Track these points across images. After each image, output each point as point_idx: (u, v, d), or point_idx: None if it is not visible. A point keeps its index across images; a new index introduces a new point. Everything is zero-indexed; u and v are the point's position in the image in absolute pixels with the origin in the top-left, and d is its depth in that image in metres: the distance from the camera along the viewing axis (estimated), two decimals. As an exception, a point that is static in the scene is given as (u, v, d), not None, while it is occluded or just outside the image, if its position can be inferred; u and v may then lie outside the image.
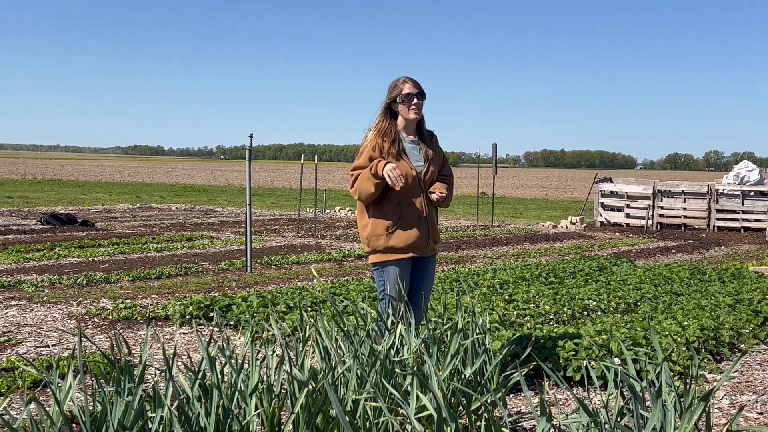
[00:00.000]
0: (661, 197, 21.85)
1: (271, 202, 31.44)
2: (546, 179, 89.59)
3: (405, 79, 5.02)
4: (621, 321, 6.98)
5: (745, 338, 6.90)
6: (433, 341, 4.10)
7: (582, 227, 21.67)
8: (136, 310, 7.91)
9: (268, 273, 11.15)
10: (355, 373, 3.71)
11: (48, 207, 24.50)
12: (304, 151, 45.43)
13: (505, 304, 7.89)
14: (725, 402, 5.26)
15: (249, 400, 3.56)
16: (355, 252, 13.57)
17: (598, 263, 11.65)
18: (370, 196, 4.90)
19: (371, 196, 4.90)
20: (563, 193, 50.53)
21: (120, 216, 21.80)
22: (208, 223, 19.87)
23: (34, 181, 48.78)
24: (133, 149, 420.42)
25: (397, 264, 4.98)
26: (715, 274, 10.61)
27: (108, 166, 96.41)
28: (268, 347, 3.99)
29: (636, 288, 9.17)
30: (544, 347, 5.79)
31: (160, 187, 45.67)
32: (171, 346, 6.46)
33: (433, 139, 5.22)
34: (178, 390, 3.43)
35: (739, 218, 20.90)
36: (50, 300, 8.57)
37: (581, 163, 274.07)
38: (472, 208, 26.58)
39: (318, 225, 19.23)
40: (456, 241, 16.56)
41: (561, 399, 5.25)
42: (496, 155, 22.61)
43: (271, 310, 5.48)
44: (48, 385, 3.43)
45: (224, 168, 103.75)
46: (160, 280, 10.29)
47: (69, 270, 10.91)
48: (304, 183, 20.12)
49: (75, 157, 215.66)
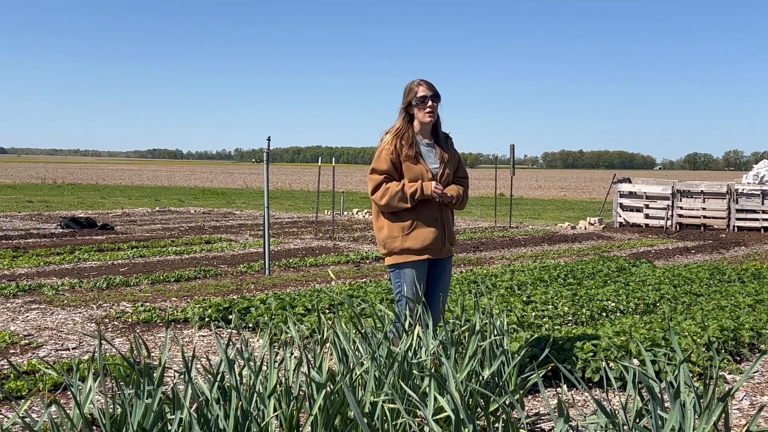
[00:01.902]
0: (681, 197, 21.73)
1: (289, 205, 31.53)
2: (564, 180, 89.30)
3: (419, 82, 5.04)
4: (640, 322, 6.95)
5: (765, 338, 6.85)
6: (450, 343, 4.11)
7: (601, 228, 21.58)
8: (156, 313, 7.95)
9: (286, 275, 11.18)
10: (372, 374, 3.73)
11: (68, 211, 24.68)
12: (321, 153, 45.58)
13: (523, 305, 7.88)
14: (745, 403, 5.23)
15: (267, 402, 3.58)
16: (373, 254, 13.58)
17: (616, 264, 11.60)
18: (394, 207, 5.00)
19: (396, 207, 5.00)
20: (582, 194, 50.34)
21: (139, 219, 21.92)
22: (226, 226, 19.95)
23: (54, 185, 49.17)
24: (151, 153, 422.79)
25: (414, 266, 4.99)
26: (734, 274, 10.54)
27: (127, 170, 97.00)
28: (287, 349, 4.01)
29: (655, 289, 9.13)
30: (562, 348, 5.78)
31: (179, 191, 45.89)
32: (190, 348, 6.50)
33: (449, 141, 5.25)
34: (197, 392, 3.45)
35: (760, 218, 20.74)
36: (70, 303, 8.63)
37: (600, 163, 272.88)
38: (490, 210, 26.55)
39: (336, 227, 19.26)
40: (474, 243, 16.54)
41: (579, 400, 5.23)
42: (513, 156, 22.56)
43: (289, 313, 5.50)
44: (68, 387, 3.46)
45: (242, 171, 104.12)
46: (179, 283, 10.34)
47: (89, 273, 10.98)
48: (322, 185, 20.17)
49: (94, 161, 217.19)
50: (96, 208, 26.81)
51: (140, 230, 18.40)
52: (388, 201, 4.96)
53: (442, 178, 5.09)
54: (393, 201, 4.96)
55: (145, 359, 3.55)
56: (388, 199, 4.96)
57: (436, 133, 5.16)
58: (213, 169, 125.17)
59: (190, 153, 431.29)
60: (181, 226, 19.64)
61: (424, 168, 5.01)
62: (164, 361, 3.55)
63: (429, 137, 5.14)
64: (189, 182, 61.67)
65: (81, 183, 53.98)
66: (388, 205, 4.97)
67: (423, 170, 5.00)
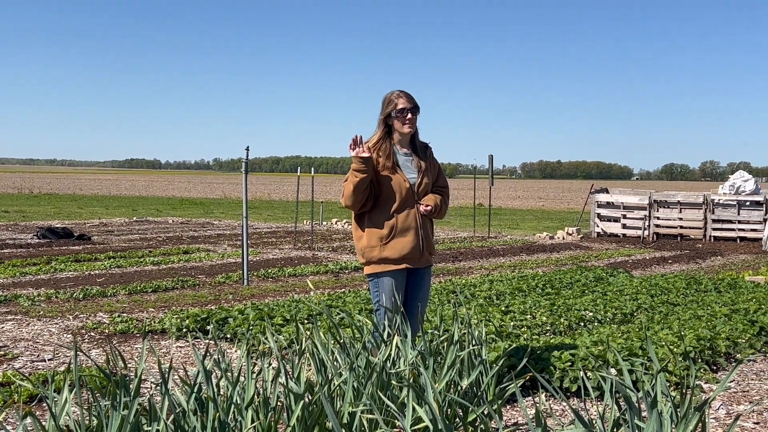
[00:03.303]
0: (658, 207, 21.89)
1: (268, 215, 31.45)
2: (543, 190, 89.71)
3: (399, 93, 5.06)
4: (617, 331, 6.98)
5: (741, 348, 6.90)
6: (429, 353, 4.11)
7: (578, 238, 21.68)
8: (133, 324, 7.90)
9: (265, 286, 11.14)
10: (351, 385, 3.72)
11: (44, 221, 24.48)
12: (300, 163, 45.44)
13: (501, 315, 7.89)
14: (722, 412, 5.26)
15: (245, 413, 3.56)
16: (352, 264, 13.57)
17: (594, 274, 11.66)
18: (352, 196, 4.95)
19: (354, 194, 4.94)
20: (560, 204, 50.58)
21: (116, 229, 21.78)
22: (204, 236, 19.87)
23: (30, 195, 48.76)
24: (129, 163, 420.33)
25: (392, 275, 4.99)
26: (711, 284, 10.62)
27: (104, 180, 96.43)
28: (265, 360, 4.00)
29: (632, 298, 9.18)
30: (540, 358, 5.79)
31: (157, 201, 45.66)
32: (167, 359, 6.45)
33: (427, 151, 5.26)
34: (174, 403, 3.43)
35: (735, 228, 20.94)
36: (47, 314, 8.55)
37: (578, 173, 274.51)
38: (469, 220, 26.62)
39: (315, 237, 19.24)
40: (453, 253, 16.57)
41: (557, 410, 5.25)
42: (492, 166, 22.65)
43: (267, 323, 5.48)
44: (44, 399, 3.43)
45: (221, 181, 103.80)
46: (157, 293, 10.28)
47: (65, 284, 10.90)
48: (301, 195, 20.14)
49: (71, 170, 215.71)
50: (73, 218, 26.61)
51: (117, 240, 18.29)
52: (343, 191, 4.98)
53: (420, 188, 5.10)
54: (346, 191, 4.97)
55: (122, 370, 3.52)
56: (343, 189, 4.99)
57: (414, 142, 5.18)
58: (191, 178, 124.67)
59: (169, 163, 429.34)
60: (159, 237, 19.54)
61: (402, 178, 5.02)
62: (141, 373, 3.52)
63: (407, 147, 5.15)
64: (167, 192, 61.37)
65: (58, 193, 53.58)
66: (348, 196, 4.96)
67: (400, 180, 5.01)
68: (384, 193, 5.01)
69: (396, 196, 5.01)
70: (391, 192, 5.00)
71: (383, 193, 5.01)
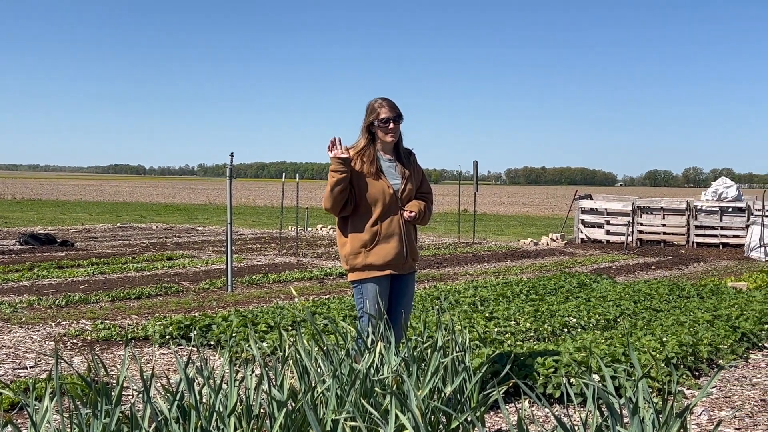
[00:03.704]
0: (641, 214, 22.00)
1: (253, 221, 31.38)
2: (527, 196, 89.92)
3: (381, 102, 5.06)
4: (601, 338, 7.01)
5: (723, 354, 6.94)
6: (412, 359, 4.11)
7: (563, 244, 21.75)
8: (116, 331, 7.86)
9: (249, 292, 11.12)
10: (334, 392, 3.71)
11: (27, 227, 24.32)
12: (286, 169, 45.40)
13: (485, 321, 7.91)
14: (704, 418, 5.29)
15: (227, 421, 3.55)
16: (337, 270, 13.56)
17: (578, 280, 11.69)
18: (330, 197, 4.96)
19: (332, 194, 4.95)
20: (544, 210, 50.73)
21: (100, 236, 21.68)
22: (189, 242, 19.80)
23: (12, 201, 48.44)
24: (113, 168, 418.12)
25: (376, 281, 5.00)
26: (694, 290, 10.68)
27: (88, 186, 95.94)
28: (248, 367, 3.98)
29: (616, 304, 9.21)
30: (524, 364, 5.81)
31: (141, 206, 45.48)
32: (149, 367, 6.42)
33: (411, 157, 5.26)
34: (156, 411, 3.42)
35: (718, 234, 21.07)
36: (28, 321, 8.50)
37: (562, 179, 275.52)
38: (454, 226, 26.64)
39: (299, 243, 19.21)
40: (437, 259, 16.58)
41: (540, 416, 5.26)
42: (477, 172, 22.69)
43: (250, 330, 5.47)
44: (25, 407, 3.40)
45: (205, 187, 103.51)
46: (140, 300, 10.24)
47: (48, 291, 10.83)
48: (286, 201, 20.12)
49: (55, 176, 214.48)
50: (56, 224, 26.47)
51: (101, 247, 18.20)
52: (326, 196, 4.98)
53: (404, 194, 5.11)
54: (325, 193, 4.99)
55: (104, 378, 3.51)
56: (325, 193, 4.98)
57: (397, 149, 5.18)
58: (176, 184, 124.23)
59: (153, 168, 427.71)
60: (143, 243, 19.46)
61: (385, 184, 5.03)
62: (122, 380, 3.51)
63: (391, 153, 5.16)
64: (151, 198, 61.14)
65: (41, 198, 53.26)
66: (327, 197, 4.97)
67: (384, 186, 5.02)
68: (367, 200, 5.01)
69: (379, 202, 5.01)
70: (374, 198, 5.00)
71: (367, 199, 5.01)
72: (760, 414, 5.41)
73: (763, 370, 6.70)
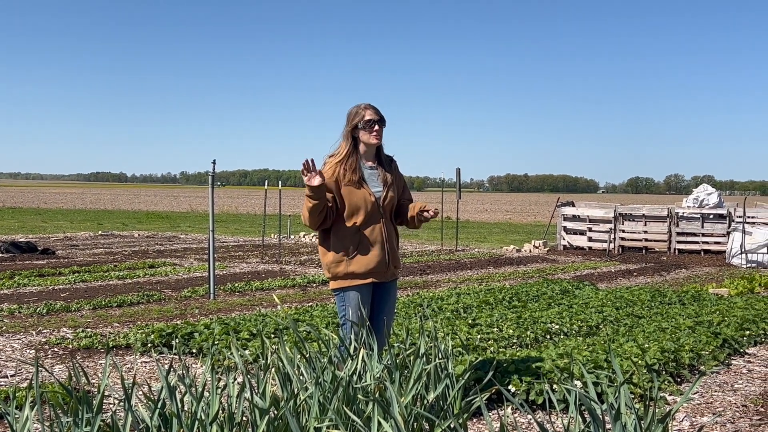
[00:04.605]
0: (623, 221, 22.11)
1: (236, 228, 31.29)
2: (510, 203, 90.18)
3: (365, 105, 5.06)
4: (583, 344, 7.03)
5: (705, 360, 6.98)
6: (395, 367, 4.10)
7: (545, 251, 21.82)
8: (97, 339, 7.81)
9: (232, 300, 11.08)
10: (316, 399, 3.70)
11: (8, 235, 24.15)
12: (268, 176, 45.40)
13: (468, 328, 7.91)
14: (686, 424, 5.31)
15: (209, 429, 3.53)
16: (320, 278, 13.53)
17: (560, 287, 11.73)
18: (309, 218, 4.93)
19: (310, 217, 4.92)
20: (527, 217, 50.89)
21: (81, 244, 21.55)
22: (171, 250, 19.72)
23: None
24: (95, 176, 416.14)
25: (358, 289, 4.99)
26: (675, 296, 10.74)
27: (69, 194, 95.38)
28: (230, 375, 3.97)
29: (598, 311, 9.25)
30: (506, 371, 5.82)
31: (123, 214, 45.26)
32: (131, 375, 6.38)
33: (393, 164, 5.26)
34: (137, 420, 3.40)
35: (699, 241, 21.21)
36: (9, 329, 8.43)
37: (544, 187, 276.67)
38: (437, 233, 26.66)
39: (282, 251, 19.17)
40: (420, 266, 16.59)
41: (523, 423, 5.26)
42: (459, 180, 22.74)
43: (232, 338, 5.45)
44: (4, 416, 3.37)
45: (188, 194, 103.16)
46: (122, 308, 10.18)
47: (29, 299, 10.76)
48: (269, 209, 20.07)
49: (36, 184, 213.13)
50: (37, 232, 26.29)
51: (82, 255, 18.09)
52: (302, 214, 4.95)
53: (386, 201, 5.10)
54: (303, 213, 4.95)
55: (85, 386, 3.48)
56: (303, 213, 4.95)
57: (379, 156, 5.18)
58: (158, 192, 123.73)
59: (135, 176, 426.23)
60: (125, 251, 19.36)
61: (367, 192, 5.02)
62: (104, 389, 3.48)
63: (372, 160, 5.15)
64: (133, 206, 60.87)
65: (21, 206, 52.92)
66: (306, 218, 4.94)
67: (366, 194, 5.00)
68: (349, 208, 5.00)
69: (362, 210, 5.00)
70: (356, 206, 4.99)
71: (349, 207, 5.00)
72: (742, 420, 5.44)
73: (745, 376, 6.75)
